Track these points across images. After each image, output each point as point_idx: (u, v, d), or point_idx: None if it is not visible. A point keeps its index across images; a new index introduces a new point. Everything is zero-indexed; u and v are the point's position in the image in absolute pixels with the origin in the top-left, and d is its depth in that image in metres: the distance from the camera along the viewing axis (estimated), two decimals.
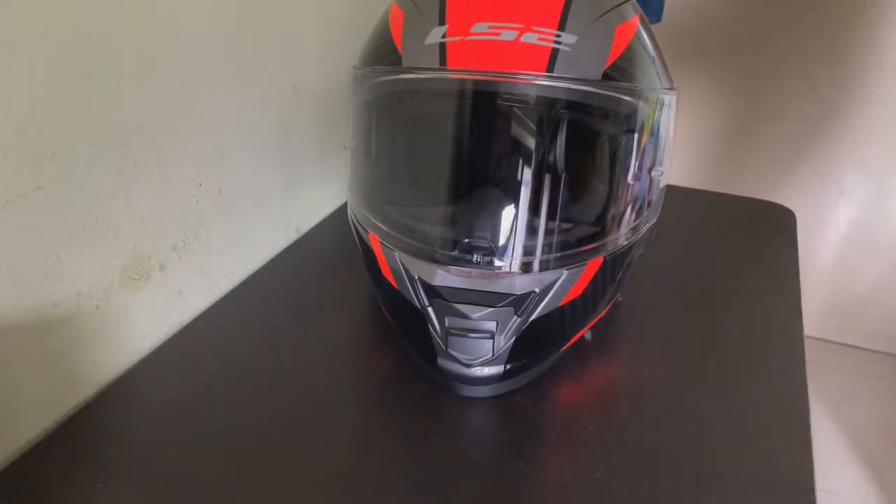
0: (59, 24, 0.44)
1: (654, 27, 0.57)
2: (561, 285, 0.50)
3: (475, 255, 0.50)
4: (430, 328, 0.51)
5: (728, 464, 0.47)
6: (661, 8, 1.08)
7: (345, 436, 0.49)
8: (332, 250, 0.76)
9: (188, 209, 0.59)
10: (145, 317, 0.56)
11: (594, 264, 0.51)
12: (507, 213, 0.51)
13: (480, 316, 0.50)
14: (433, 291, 0.51)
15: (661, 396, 0.53)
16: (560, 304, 0.51)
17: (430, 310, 0.51)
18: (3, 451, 0.46)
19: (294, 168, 0.75)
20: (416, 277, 0.51)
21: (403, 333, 0.56)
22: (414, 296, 0.52)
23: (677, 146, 0.51)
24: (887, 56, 1.43)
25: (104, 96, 0.48)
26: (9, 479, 0.44)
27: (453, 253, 0.51)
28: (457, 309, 0.50)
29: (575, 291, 0.51)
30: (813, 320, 1.70)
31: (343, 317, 0.63)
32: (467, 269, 0.50)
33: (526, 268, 0.51)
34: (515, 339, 0.50)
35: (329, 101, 0.77)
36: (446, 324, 0.51)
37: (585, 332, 0.59)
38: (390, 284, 0.54)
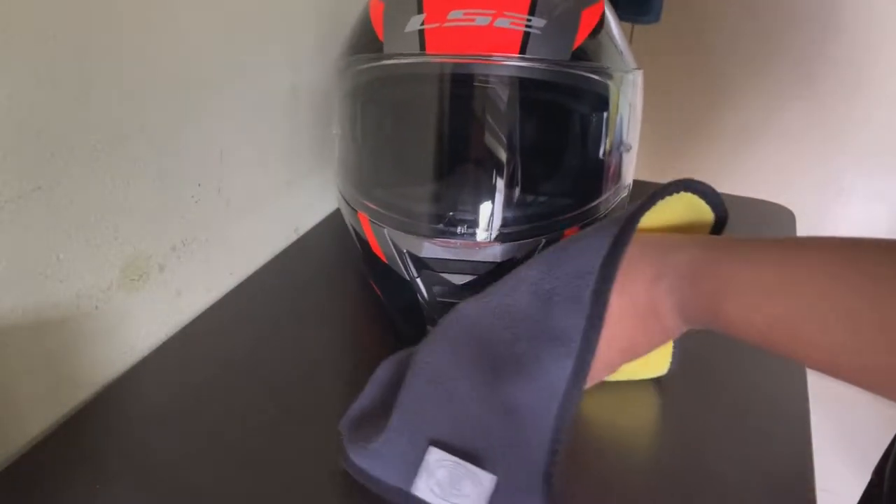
0: (59, 24, 0.43)
1: (653, 26, 0.59)
2: None
3: (458, 228, 0.54)
4: (420, 298, 0.54)
5: (727, 464, 0.47)
6: (661, 7, 1.08)
7: None
8: (331, 250, 0.76)
9: (187, 209, 0.59)
10: (144, 317, 0.56)
11: (571, 232, 0.54)
12: (487, 187, 0.55)
13: (466, 284, 0.53)
14: (421, 263, 0.54)
15: (661, 397, 0.53)
16: None
17: (418, 280, 0.54)
18: (3, 452, 0.46)
19: (293, 168, 0.75)
20: (405, 251, 0.55)
21: (394, 308, 0.59)
22: (403, 268, 0.55)
23: (676, 147, 0.53)
24: (888, 55, 1.43)
25: (103, 96, 0.48)
26: (8, 480, 0.44)
27: (438, 227, 0.55)
28: (443, 278, 0.54)
29: None
30: None
31: (343, 317, 0.63)
32: (452, 241, 0.54)
33: (506, 237, 0.54)
34: None
35: (328, 100, 0.77)
36: (434, 293, 0.54)
37: None
38: (380, 260, 0.57)
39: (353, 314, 0.64)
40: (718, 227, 0.42)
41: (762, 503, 0.44)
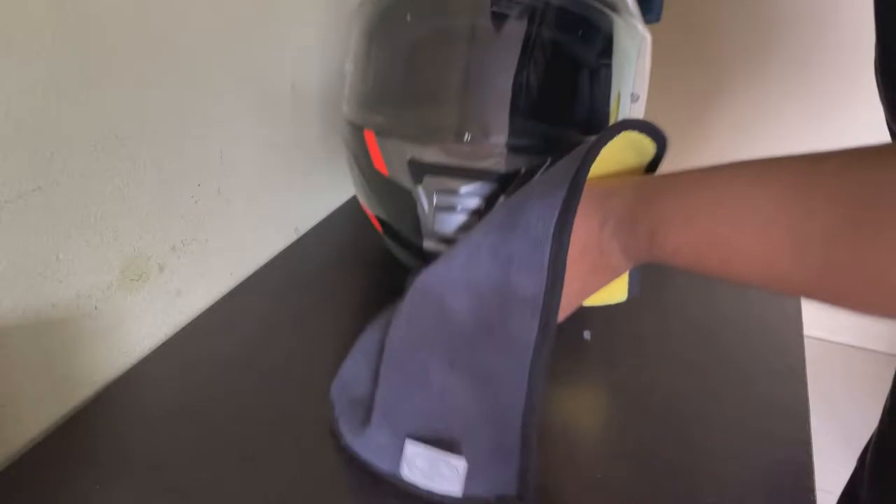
0: (59, 23, 0.43)
1: (654, 27, 0.59)
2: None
3: (465, 134, 0.54)
4: (419, 209, 0.55)
5: (727, 464, 0.47)
6: (661, 8, 1.08)
7: None
8: (331, 251, 0.76)
9: (187, 209, 0.59)
10: (144, 317, 0.56)
11: None
12: (499, 98, 0.56)
13: (468, 190, 0.54)
14: (424, 169, 0.55)
15: (661, 396, 0.53)
16: None
17: (419, 188, 0.55)
18: (3, 452, 0.46)
19: (293, 168, 0.75)
20: (409, 158, 0.55)
21: (391, 230, 0.60)
22: (407, 176, 0.55)
23: (674, 145, 0.53)
24: None
25: (103, 96, 0.48)
26: (8, 480, 0.44)
27: (446, 132, 0.55)
28: (445, 183, 0.54)
29: None
30: (813, 320, 1.70)
31: (342, 317, 0.63)
32: (457, 146, 0.54)
33: (513, 148, 0.55)
34: None
35: (327, 100, 0.77)
36: (434, 201, 0.54)
37: (585, 332, 0.59)
38: (381, 176, 0.57)
39: (352, 314, 0.64)
40: (657, 160, 0.44)
41: (762, 503, 0.44)
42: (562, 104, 0.60)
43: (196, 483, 0.44)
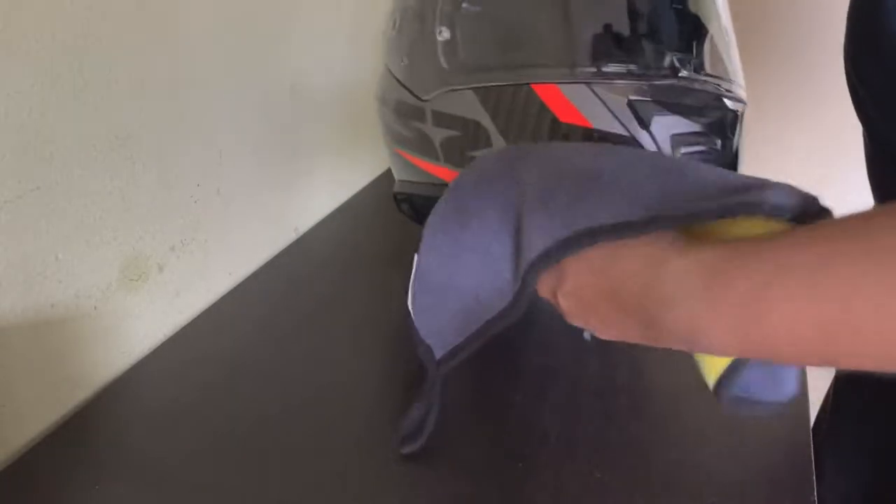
0: (58, 24, 0.43)
1: None
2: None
3: (703, 69, 0.53)
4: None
5: (727, 464, 0.47)
6: None
7: (344, 436, 0.49)
8: (331, 251, 0.76)
9: (186, 210, 0.59)
10: (144, 318, 0.56)
11: None
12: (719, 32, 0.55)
13: (699, 132, 0.52)
14: (651, 108, 0.51)
15: (661, 396, 0.53)
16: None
17: (650, 131, 0.51)
18: (3, 452, 0.46)
19: (292, 168, 0.75)
20: (629, 99, 0.51)
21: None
22: (630, 120, 0.51)
23: None
24: None
25: (102, 97, 0.48)
26: (7, 480, 0.44)
27: (670, 68, 0.52)
28: (685, 122, 0.52)
29: None
30: None
31: (342, 317, 0.63)
32: (681, 83, 0.52)
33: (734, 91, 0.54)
34: None
35: (327, 100, 0.77)
36: (673, 139, 0.51)
37: (585, 332, 0.59)
38: (575, 129, 0.52)
39: (352, 314, 0.64)
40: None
41: (762, 503, 0.44)
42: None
43: (196, 482, 0.44)
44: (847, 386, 0.61)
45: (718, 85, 0.54)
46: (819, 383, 0.71)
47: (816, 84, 1.52)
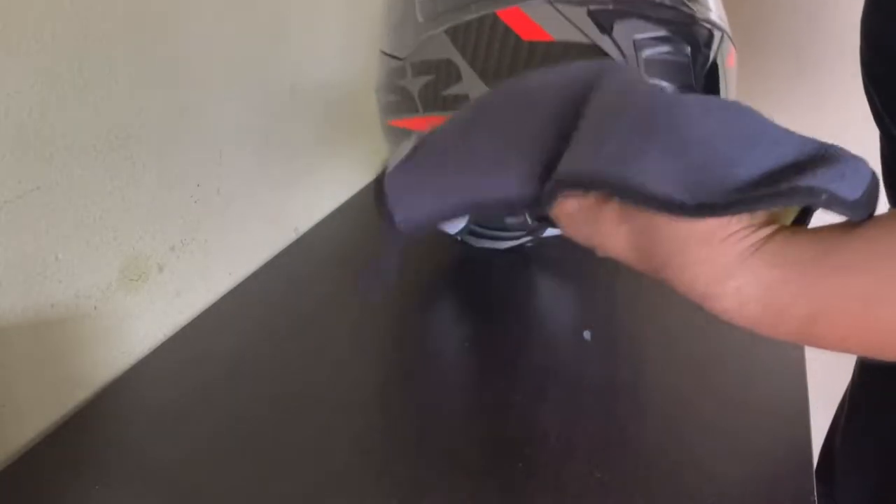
0: (58, 24, 0.43)
1: None
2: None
3: None
4: (615, 55, 0.51)
5: (727, 464, 0.47)
6: None
7: (344, 436, 0.49)
8: (331, 251, 0.76)
9: (186, 210, 0.59)
10: (144, 318, 0.56)
11: None
12: None
13: (660, 37, 0.52)
14: (613, 14, 0.51)
15: (661, 396, 0.53)
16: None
17: (611, 36, 0.51)
18: (2, 452, 0.46)
19: (292, 168, 0.75)
20: (588, 9, 0.51)
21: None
22: (590, 26, 0.51)
23: None
24: None
25: (103, 97, 0.48)
26: (7, 480, 0.44)
27: None
28: (645, 24, 0.51)
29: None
30: None
31: (342, 317, 0.63)
32: None
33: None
34: None
35: (327, 100, 0.77)
36: (636, 42, 0.51)
37: (585, 332, 0.59)
38: (542, 46, 0.52)
39: (352, 314, 0.64)
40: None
41: (762, 503, 0.44)
42: None
43: (196, 483, 0.44)
44: (866, 383, 0.61)
45: (688, 5, 0.52)
46: (836, 383, 0.71)
47: (817, 84, 1.52)
